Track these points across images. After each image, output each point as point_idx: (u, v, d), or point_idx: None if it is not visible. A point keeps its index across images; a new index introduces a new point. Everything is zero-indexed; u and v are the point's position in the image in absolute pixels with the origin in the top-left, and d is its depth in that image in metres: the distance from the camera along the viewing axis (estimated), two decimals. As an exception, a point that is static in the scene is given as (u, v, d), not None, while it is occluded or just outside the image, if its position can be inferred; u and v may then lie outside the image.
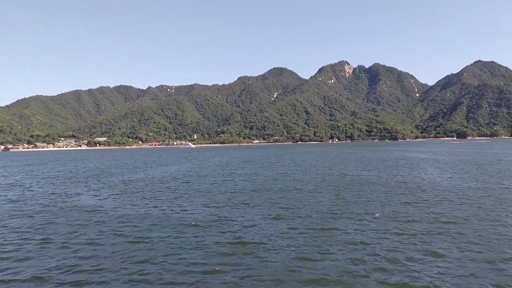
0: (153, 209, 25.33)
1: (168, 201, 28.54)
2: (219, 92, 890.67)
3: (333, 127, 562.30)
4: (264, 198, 28.87)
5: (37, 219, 23.13)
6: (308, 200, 27.03)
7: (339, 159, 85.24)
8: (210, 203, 27.40)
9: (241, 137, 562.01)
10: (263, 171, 56.27)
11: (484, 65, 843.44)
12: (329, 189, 32.94)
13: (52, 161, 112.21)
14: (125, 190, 36.23)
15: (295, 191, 32.34)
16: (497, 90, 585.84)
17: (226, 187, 36.91)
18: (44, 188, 40.18)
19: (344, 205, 24.72)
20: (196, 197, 30.53)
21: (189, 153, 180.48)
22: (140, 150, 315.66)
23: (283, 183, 38.39)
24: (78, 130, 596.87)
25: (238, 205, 25.97)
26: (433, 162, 65.34)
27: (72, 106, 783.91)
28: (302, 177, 43.93)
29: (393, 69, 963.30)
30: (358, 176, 43.21)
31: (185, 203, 27.70)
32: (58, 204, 28.45)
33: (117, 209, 25.89)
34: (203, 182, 41.68)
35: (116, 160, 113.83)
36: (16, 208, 27.09)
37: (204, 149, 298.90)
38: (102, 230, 19.74)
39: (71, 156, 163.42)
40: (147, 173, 58.27)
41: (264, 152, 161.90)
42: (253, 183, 39.80)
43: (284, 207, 24.67)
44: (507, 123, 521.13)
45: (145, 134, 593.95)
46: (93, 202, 29.34)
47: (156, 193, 33.61)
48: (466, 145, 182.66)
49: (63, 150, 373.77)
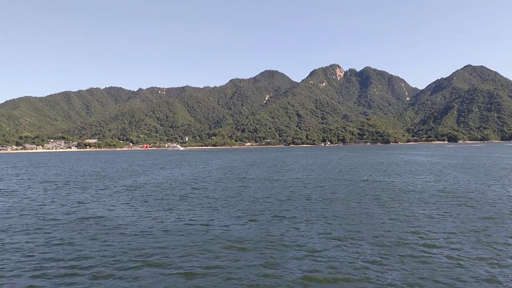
0: (179, 222, 21.69)
1: (196, 212, 24.84)
2: (211, 94, 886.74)
3: (325, 130, 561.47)
4: (307, 208, 25.26)
5: (41, 236, 19.18)
6: (365, 214, 23.21)
7: (348, 163, 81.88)
8: (246, 214, 23.79)
9: (233, 140, 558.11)
10: (275, 175, 52.84)
11: (474, 69, 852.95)
12: (370, 198, 29.35)
13: (44, 164, 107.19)
14: (136, 198, 32.41)
15: (334, 200, 28.52)
16: (487, 95, 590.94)
17: (254, 193, 33.34)
18: (42, 194, 36.07)
19: (415, 221, 20.79)
20: (226, 206, 27.04)
21: (182, 155, 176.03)
22: (132, 152, 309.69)
23: (310, 190, 34.83)
24: (67, 131, 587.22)
25: (284, 217, 22.45)
26: (453, 167, 61.98)
27: (61, 107, 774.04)
28: (325, 183, 40.40)
29: (384, 73, 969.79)
30: (386, 183, 39.71)
31: (216, 214, 24.06)
32: (62, 216, 24.54)
33: (137, 221, 22.26)
34: (221, 188, 38.00)
35: (110, 162, 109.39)
36: (12, 222, 23.09)
37: (194, 151, 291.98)
38: (127, 254, 16.10)
39: (63, 158, 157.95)
40: (150, 177, 54.36)
41: (262, 155, 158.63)
42: (278, 189, 36.21)
43: (343, 220, 21.17)
44: (497, 127, 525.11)
45: (136, 136, 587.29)
46: (105, 212, 25.53)
47: (173, 201, 29.84)
48: (464, 149, 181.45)
49: (52, 152, 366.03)
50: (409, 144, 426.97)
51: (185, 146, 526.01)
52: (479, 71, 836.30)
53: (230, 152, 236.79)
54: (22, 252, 16.52)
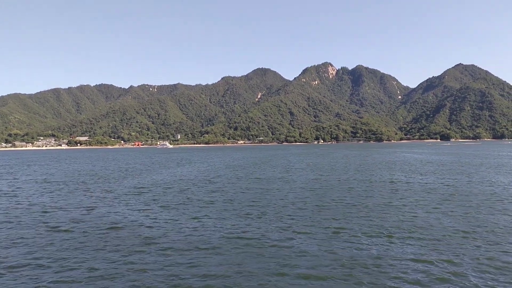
0: (218, 233, 18.77)
1: (230, 221, 21.65)
2: (203, 92, 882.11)
3: (318, 128, 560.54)
4: (365, 218, 21.35)
5: (53, 254, 15.92)
6: (422, 219, 20.62)
7: (357, 162, 78.94)
8: (293, 224, 20.50)
9: (225, 138, 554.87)
10: (288, 175, 50.31)
11: (465, 68, 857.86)
12: (410, 200, 26.94)
13: (36, 162, 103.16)
14: (149, 200, 29.54)
15: (385, 206, 24.98)
16: (479, 93, 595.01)
17: (282, 196, 30.31)
18: (43, 197, 32.94)
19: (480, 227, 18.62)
20: (261, 212, 23.75)
21: (177, 154, 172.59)
22: (124, 150, 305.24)
23: (341, 193, 31.65)
24: (58, 129, 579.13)
25: (343, 228, 19.28)
26: (478, 166, 60.03)
27: (51, 105, 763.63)
28: (353, 185, 37.22)
29: (376, 71, 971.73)
30: (420, 184, 36.83)
31: (256, 222, 20.99)
32: (72, 225, 21.35)
33: (166, 231, 19.23)
34: (241, 190, 34.95)
35: (106, 161, 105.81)
36: (12, 233, 19.63)
37: (185, 149, 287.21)
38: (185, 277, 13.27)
39: (54, 156, 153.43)
40: (154, 177, 51.34)
41: (259, 153, 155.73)
42: (304, 191, 33.34)
43: (400, 226, 18.71)
44: (489, 126, 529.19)
45: (128, 134, 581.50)
46: (120, 217, 22.81)
47: (196, 207, 26.37)
48: (463, 147, 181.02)
49: (43, 150, 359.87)
50: (402, 143, 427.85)
51: (177, 144, 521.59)
52: (470, 70, 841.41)
53: (224, 150, 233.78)
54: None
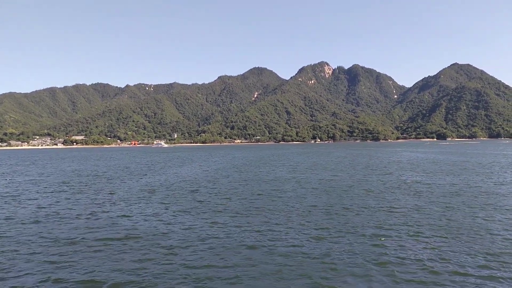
0: (236, 238, 17.85)
1: (247, 223, 20.66)
2: (199, 91, 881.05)
3: (315, 128, 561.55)
4: (412, 224, 19.69)
5: (62, 263, 14.59)
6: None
7: (363, 161, 77.66)
8: (312, 226, 19.50)
9: (222, 137, 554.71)
10: (298, 175, 50.02)
11: (460, 67, 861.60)
12: (451, 203, 26.34)
13: (35, 161, 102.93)
14: (160, 203, 28.20)
15: (433, 212, 22.65)
16: (475, 93, 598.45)
17: (299, 198, 28.74)
18: (48, 199, 32.41)
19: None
20: (280, 216, 22.18)
21: (175, 153, 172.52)
22: (120, 149, 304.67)
23: (367, 196, 29.56)
24: (53, 128, 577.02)
25: (391, 229, 18.29)
26: (482, 165, 59.91)
27: (46, 104, 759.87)
28: (372, 186, 35.24)
29: (372, 71, 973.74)
30: (449, 186, 34.81)
31: (273, 226, 19.83)
32: (83, 233, 19.40)
33: (195, 240, 17.50)
34: (257, 192, 32.98)
35: (105, 160, 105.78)
36: (23, 245, 17.44)
37: (181, 149, 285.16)
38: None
39: (51, 156, 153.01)
40: (159, 177, 51.04)
41: (259, 152, 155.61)
42: (325, 193, 32.42)
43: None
44: (485, 125, 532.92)
45: (124, 133, 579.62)
46: (135, 224, 21.32)
47: (208, 211, 24.37)
48: (463, 146, 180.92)
49: (39, 149, 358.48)
50: (399, 142, 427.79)
51: (174, 143, 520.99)
52: (466, 70, 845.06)
53: (222, 149, 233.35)
54: None
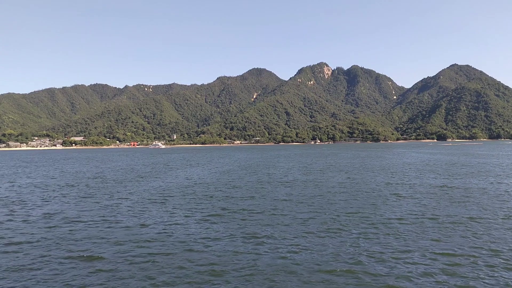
0: (275, 251, 16.70)
1: (283, 232, 19.28)
2: (198, 92, 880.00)
3: (315, 129, 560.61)
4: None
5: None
6: None
7: (373, 162, 75.78)
8: (355, 235, 18.19)
9: (222, 138, 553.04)
10: (314, 177, 48.82)
11: (460, 68, 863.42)
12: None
13: (35, 162, 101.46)
14: (179, 210, 26.31)
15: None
16: (474, 93, 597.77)
17: (325, 203, 26.78)
18: (56, 205, 30.69)
19: None
20: (314, 224, 20.34)
21: (177, 154, 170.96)
22: (120, 150, 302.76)
23: (390, 198, 28.61)
24: (52, 129, 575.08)
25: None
26: (503, 166, 58.66)
27: (45, 105, 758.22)
28: (394, 190, 33.55)
29: (371, 71, 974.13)
30: (478, 189, 33.31)
31: (313, 237, 18.45)
32: (103, 246, 17.50)
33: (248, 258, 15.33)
34: (276, 196, 31.52)
35: (108, 162, 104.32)
36: (39, 258, 16.19)
37: (178, 150, 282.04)
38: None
39: (52, 157, 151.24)
40: (170, 180, 49.52)
41: (262, 153, 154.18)
42: (346, 195, 31.30)
43: None
44: (485, 126, 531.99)
45: (123, 134, 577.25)
46: (159, 235, 19.97)
47: (235, 219, 22.08)
48: (469, 147, 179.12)
49: (37, 150, 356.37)
50: (400, 143, 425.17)
51: (173, 144, 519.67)
52: (465, 70, 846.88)
53: (223, 150, 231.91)
54: None
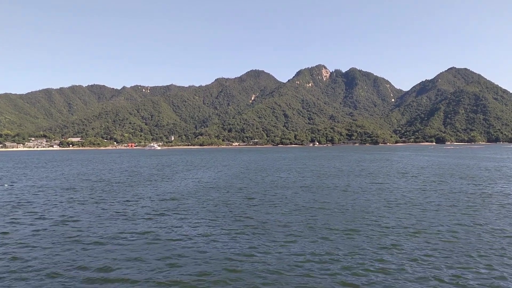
0: (313, 268, 14.79)
1: (318, 247, 17.18)
2: (196, 93, 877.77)
3: (314, 131, 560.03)
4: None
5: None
6: None
7: (386, 166, 72.52)
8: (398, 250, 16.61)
9: (220, 139, 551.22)
10: (332, 181, 46.65)
11: (458, 71, 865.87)
12: None
13: (33, 163, 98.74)
14: (193, 217, 24.28)
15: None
16: (473, 97, 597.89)
17: (358, 211, 24.36)
18: (59, 210, 28.57)
19: None
20: (356, 238, 18.38)
21: (178, 156, 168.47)
22: (118, 151, 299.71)
23: (436, 212, 26.78)
24: (49, 130, 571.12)
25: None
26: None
27: (42, 105, 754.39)
28: (430, 199, 31.85)
29: (369, 74, 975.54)
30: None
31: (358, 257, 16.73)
32: (117, 259, 15.67)
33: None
34: (298, 202, 30.13)
35: (108, 163, 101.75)
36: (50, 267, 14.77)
37: (176, 152, 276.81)
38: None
39: (50, 158, 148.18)
40: (176, 183, 47.11)
41: (263, 156, 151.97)
42: (376, 203, 29.13)
43: None
44: (483, 129, 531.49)
45: (121, 135, 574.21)
46: (176, 245, 18.03)
47: (257, 230, 19.67)
48: (472, 150, 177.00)
49: (34, 151, 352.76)
50: (399, 146, 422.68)
51: (171, 146, 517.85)
52: (463, 74, 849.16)
53: (222, 152, 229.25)
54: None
